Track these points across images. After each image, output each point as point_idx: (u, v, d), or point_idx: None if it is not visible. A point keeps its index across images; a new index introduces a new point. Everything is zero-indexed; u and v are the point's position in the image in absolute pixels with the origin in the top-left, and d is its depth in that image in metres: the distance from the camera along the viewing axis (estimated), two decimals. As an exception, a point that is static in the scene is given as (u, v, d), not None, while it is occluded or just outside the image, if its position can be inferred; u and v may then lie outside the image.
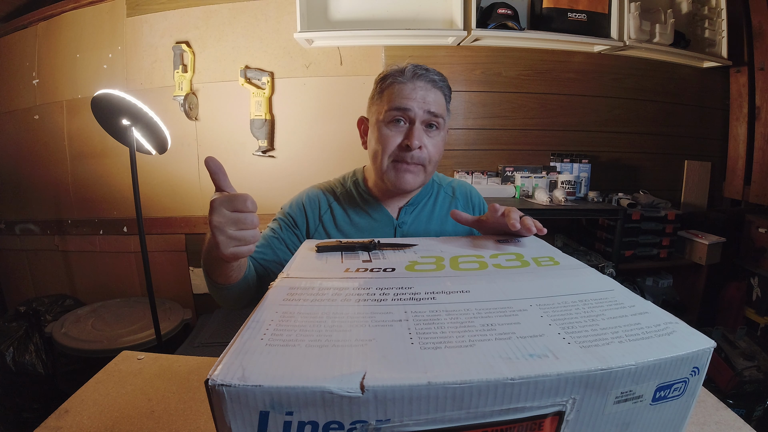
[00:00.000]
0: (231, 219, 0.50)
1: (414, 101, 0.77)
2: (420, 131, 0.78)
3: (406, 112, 0.78)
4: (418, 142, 0.77)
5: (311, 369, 0.27)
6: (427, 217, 0.89)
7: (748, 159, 2.16)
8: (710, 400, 0.64)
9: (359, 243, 0.59)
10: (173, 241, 2.09)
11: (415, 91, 0.78)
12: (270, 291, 0.42)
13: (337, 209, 0.87)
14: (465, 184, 0.98)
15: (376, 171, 0.83)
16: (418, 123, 0.78)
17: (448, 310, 0.37)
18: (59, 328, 1.74)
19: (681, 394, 0.31)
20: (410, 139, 0.77)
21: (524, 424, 0.28)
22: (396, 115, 0.78)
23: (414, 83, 0.78)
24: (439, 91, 0.81)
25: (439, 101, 0.80)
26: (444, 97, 0.82)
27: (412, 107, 0.77)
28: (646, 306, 0.38)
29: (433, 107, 0.78)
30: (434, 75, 0.80)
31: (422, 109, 0.78)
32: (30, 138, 2.12)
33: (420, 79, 0.79)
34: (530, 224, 0.62)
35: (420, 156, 0.79)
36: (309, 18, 1.81)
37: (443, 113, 0.81)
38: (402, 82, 0.78)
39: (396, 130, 0.79)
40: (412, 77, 0.78)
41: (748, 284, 1.98)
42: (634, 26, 1.86)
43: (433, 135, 0.80)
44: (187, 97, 1.92)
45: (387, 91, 0.80)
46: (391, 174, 0.80)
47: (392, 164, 0.80)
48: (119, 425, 0.61)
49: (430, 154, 0.80)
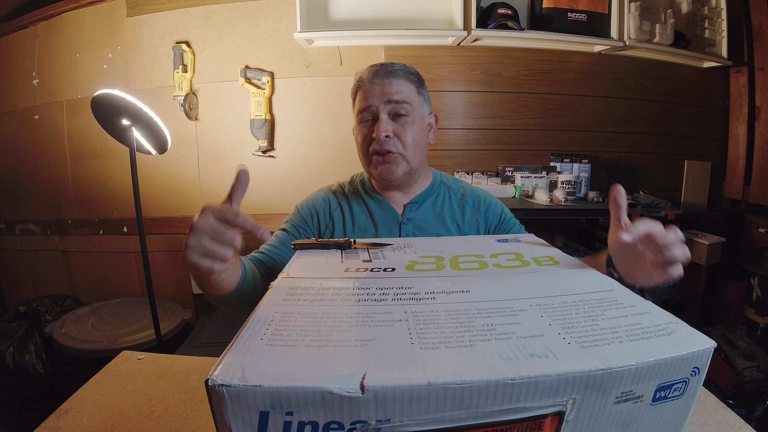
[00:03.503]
0: (211, 227, 0.47)
1: (374, 97, 0.81)
2: (385, 122, 0.81)
3: (369, 110, 0.82)
4: (383, 132, 0.80)
5: (311, 369, 0.27)
6: (432, 215, 0.89)
7: (748, 159, 2.16)
8: (710, 400, 0.64)
9: (334, 242, 0.60)
10: (173, 241, 2.09)
11: (373, 88, 0.82)
12: (270, 291, 0.42)
13: (346, 208, 0.90)
14: (479, 189, 0.95)
15: (365, 169, 0.89)
16: (382, 115, 0.81)
17: (448, 310, 0.37)
18: (59, 328, 1.74)
19: (681, 394, 0.31)
20: (376, 131, 0.81)
21: (524, 425, 0.28)
22: (363, 117, 0.84)
23: (373, 81, 0.82)
24: (401, 79, 0.83)
25: (402, 89, 0.82)
26: (410, 82, 0.84)
27: (372, 103, 0.81)
28: (646, 306, 0.38)
29: (394, 96, 0.81)
30: (393, 66, 0.83)
31: (382, 101, 0.81)
32: (30, 138, 2.12)
33: (377, 76, 0.82)
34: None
35: (392, 144, 0.81)
36: (309, 18, 1.81)
37: (409, 98, 0.82)
38: (364, 86, 0.84)
39: (366, 128, 0.84)
40: (372, 77, 0.83)
41: (748, 284, 1.98)
42: (634, 26, 1.86)
43: (403, 122, 0.82)
44: (187, 97, 1.92)
45: (357, 98, 0.86)
46: (374, 170, 0.85)
47: (372, 160, 0.84)
48: (119, 425, 0.61)
49: (404, 141, 0.82)
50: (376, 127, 0.81)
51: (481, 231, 0.89)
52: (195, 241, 0.47)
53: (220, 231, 0.47)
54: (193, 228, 0.47)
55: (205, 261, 0.48)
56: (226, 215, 0.47)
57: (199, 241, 0.47)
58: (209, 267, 0.48)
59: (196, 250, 0.47)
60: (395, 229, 0.87)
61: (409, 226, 0.87)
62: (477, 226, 0.89)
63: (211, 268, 0.49)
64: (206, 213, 0.47)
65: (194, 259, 0.47)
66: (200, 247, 0.47)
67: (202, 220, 0.47)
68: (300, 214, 0.90)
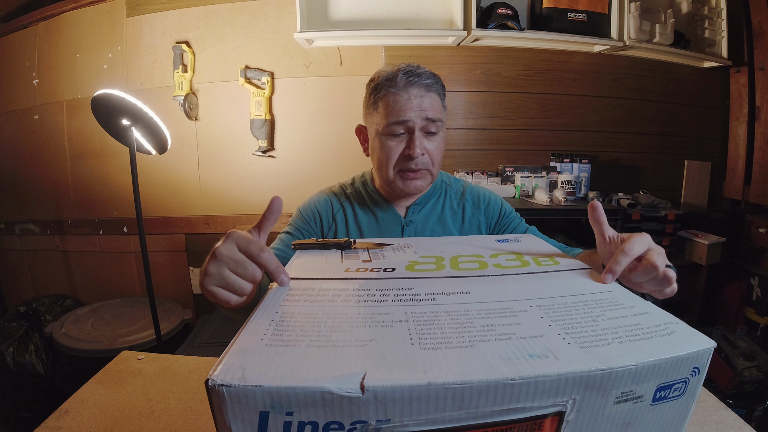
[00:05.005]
0: (234, 258, 0.44)
1: (411, 111, 0.77)
2: (420, 139, 0.79)
3: (405, 124, 0.78)
4: (420, 151, 0.78)
5: (311, 369, 0.27)
6: (434, 216, 0.89)
7: (748, 159, 2.16)
8: (710, 400, 0.64)
9: (334, 242, 0.59)
10: (173, 241, 2.09)
11: (410, 100, 0.77)
12: (270, 291, 0.42)
13: (348, 209, 0.90)
14: (478, 187, 0.96)
15: (383, 180, 0.85)
16: (417, 131, 0.78)
17: (448, 310, 0.37)
18: (59, 328, 1.74)
19: (681, 395, 0.31)
20: (412, 149, 0.78)
21: (524, 425, 0.28)
22: (396, 130, 0.79)
23: (408, 92, 0.78)
24: (434, 94, 0.81)
25: (435, 105, 0.80)
26: (439, 97, 0.82)
27: (410, 118, 0.77)
28: (646, 306, 0.38)
29: (430, 113, 0.79)
30: (426, 79, 0.80)
31: (420, 117, 0.78)
32: (30, 138, 2.12)
33: (413, 86, 0.78)
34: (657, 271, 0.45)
35: (423, 162, 0.80)
36: (309, 18, 1.81)
37: (440, 116, 0.81)
38: (395, 92, 0.78)
39: (397, 141, 0.80)
40: (405, 85, 0.78)
41: (748, 284, 1.98)
42: (634, 26, 1.86)
43: (433, 139, 0.81)
44: (187, 97, 1.92)
45: (382, 102, 0.80)
46: (399, 183, 0.82)
47: (398, 174, 0.82)
48: (119, 425, 0.61)
49: (432, 157, 0.81)
50: (412, 144, 0.78)
51: (482, 229, 0.90)
52: (215, 270, 0.44)
53: (243, 264, 0.44)
54: (214, 255, 0.44)
55: (224, 293, 0.45)
56: (251, 249, 0.45)
57: (220, 271, 0.44)
58: (227, 299, 0.46)
59: (216, 279, 0.45)
60: (398, 231, 0.87)
61: (412, 228, 0.87)
62: (478, 225, 0.90)
63: (229, 301, 0.46)
64: (231, 241, 0.45)
65: (212, 289, 0.45)
66: (220, 277, 0.44)
67: (226, 248, 0.44)
68: (303, 216, 0.90)
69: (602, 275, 0.45)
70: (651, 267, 0.44)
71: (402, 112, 0.77)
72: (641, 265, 0.45)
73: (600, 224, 0.52)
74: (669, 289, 0.47)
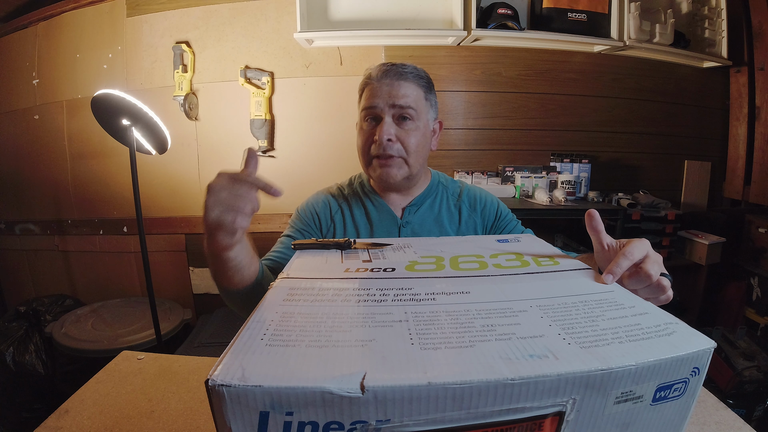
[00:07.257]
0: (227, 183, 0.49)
1: (380, 98, 0.80)
2: (389, 125, 0.80)
3: (373, 110, 0.81)
4: (386, 136, 0.79)
5: (311, 369, 0.27)
6: (431, 217, 0.89)
7: (748, 159, 2.16)
8: (710, 400, 0.64)
9: (334, 242, 0.60)
10: (173, 241, 2.09)
11: (380, 89, 0.80)
12: (270, 291, 0.42)
13: (346, 211, 0.90)
14: (475, 188, 0.95)
15: (363, 170, 0.88)
16: (386, 117, 0.80)
17: (448, 310, 0.37)
18: (59, 328, 1.74)
19: (681, 395, 0.31)
20: (378, 133, 0.80)
21: (524, 425, 0.28)
22: (366, 115, 0.82)
23: (381, 81, 0.81)
24: (410, 83, 0.81)
25: (409, 93, 0.81)
26: (418, 87, 0.83)
27: (377, 104, 0.80)
28: (646, 306, 0.38)
29: (400, 100, 0.80)
30: (404, 68, 0.82)
31: (388, 103, 0.80)
32: (30, 138, 2.12)
33: (387, 76, 0.81)
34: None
35: (394, 148, 0.81)
36: (309, 18, 1.81)
37: (414, 104, 0.81)
38: (371, 83, 0.82)
39: (369, 128, 0.83)
40: (381, 76, 0.81)
41: (748, 284, 1.98)
42: (634, 26, 1.86)
43: (407, 127, 0.81)
44: (187, 97, 1.92)
45: (363, 95, 0.84)
46: (373, 172, 0.84)
47: (372, 161, 0.83)
48: (119, 425, 0.61)
49: (406, 146, 0.81)
50: (379, 129, 0.80)
51: (479, 230, 0.89)
52: (213, 198, 0.48)
53: (236, 186, 0.49)
54: (209, 188, 0.49)
55: (227, 214, 0.49)
56: (240, 175, 0.50)
57: (218, 197, 0.48)
58: (232, 219, 0.49)
59: (216, 205, 0.48)
60: (394, 233, 0.87)
61: (408, 229, 0.87)
62: (474, 227, 0.89)
63: (234, 220, 0.49)
64: (221, 175, 0.50)
65: (215, 215, 0.48)
66: (219, 202, 0.49)
67: (218, 179, 0.49)
68: (301, 217, 0.90)
69: (603, 275, 0.45)
70: (645, 276, 0.45)
71: (371, 100, 0.81)
72: (636, 274, 0.46)
73: (597, 232, 0.52)
74: (664, 297, 0.47)
